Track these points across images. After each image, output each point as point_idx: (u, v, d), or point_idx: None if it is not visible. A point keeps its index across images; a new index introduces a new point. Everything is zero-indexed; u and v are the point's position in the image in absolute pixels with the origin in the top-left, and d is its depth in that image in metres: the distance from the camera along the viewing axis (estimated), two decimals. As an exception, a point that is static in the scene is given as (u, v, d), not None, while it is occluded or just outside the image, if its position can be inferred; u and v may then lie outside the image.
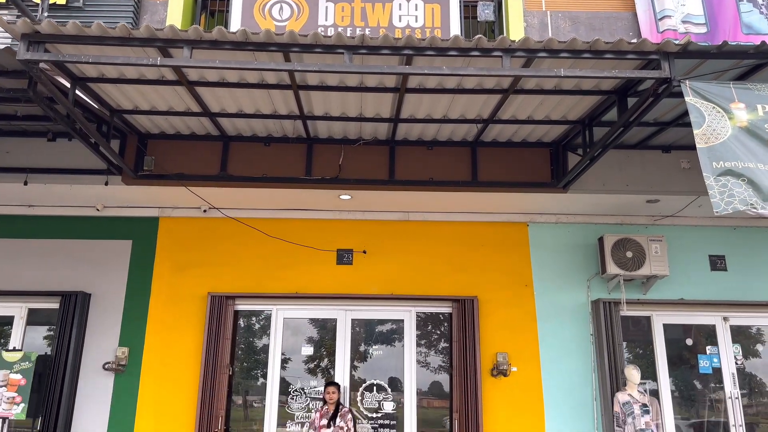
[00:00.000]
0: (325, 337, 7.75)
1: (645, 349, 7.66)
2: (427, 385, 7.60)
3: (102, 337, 7.40)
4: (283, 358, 7.60)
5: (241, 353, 7.64)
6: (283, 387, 7.51)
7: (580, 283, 7.76)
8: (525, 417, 7.27)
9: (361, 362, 7.69)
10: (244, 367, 7.61)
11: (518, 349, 7.51)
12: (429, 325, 7.83)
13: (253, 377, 7.59)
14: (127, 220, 7.83)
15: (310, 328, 7.77)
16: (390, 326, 7.81)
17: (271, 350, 7.57)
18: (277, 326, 7.65)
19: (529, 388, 7.38)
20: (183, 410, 7.19)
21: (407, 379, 7.53)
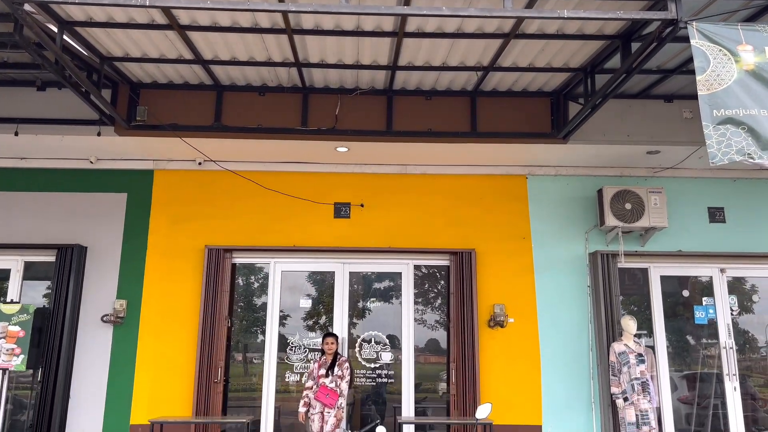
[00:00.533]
0: (323, 290, 7.76)
1: (640, 305, 7.69)
2: (424, 341, 7.65)
3: (99, 290, 7.39)
4: (282, 312, 7.62)
5: (239, 309, 7.66)
6: (281, 339, 7.55)
7: (578, 236, 7.75)
8: (521, 367, 7.35)
9: (359, 315, 7.72)
10: (243, 324, 7.65)
11: (515, 300, 7.54)
12: (427, 278, 7.84)
13: (251, 332, 7.63)
14: (122, 172, 7.73)
15: (308, 281, 7.77)
16: (388, 279, 7.82)
17: (270, 303, 7.59)
18: (275, 279, 7.65)
19: (525, 338, 7.44)
20: (182, 361, 7.25)
21: (405, 332, 7.57)
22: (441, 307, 7.75)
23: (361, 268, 7.77)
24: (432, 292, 7.80)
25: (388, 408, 7.46)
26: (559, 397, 7.30)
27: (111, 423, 7.05)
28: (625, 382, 6.85)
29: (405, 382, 7.44)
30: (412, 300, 7.66)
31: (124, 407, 7.09)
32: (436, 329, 7.69)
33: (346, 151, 7.27)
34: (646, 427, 6.71)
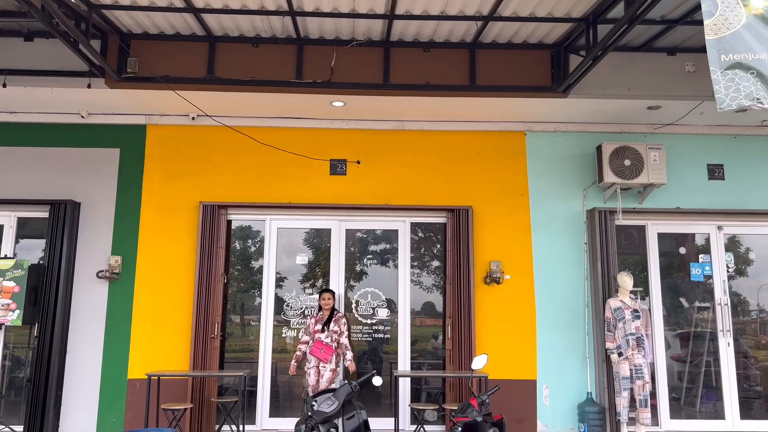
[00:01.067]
0: (319, 247, 7.73)
1: (635, 267, 7.69)
2: (420, 303, 7.65)
3: (94, 246, 7.35)
4: (278, 273, 7.60)
5: (236, 272, 7.63)
6: (278, 296, 7.55)
7: (576, 193, 7.70)
8: (516, 323, 7.38)
9: (356, 273, 7.71)
10: (240, 286, 7.63)
11: (512, 258, 7.53)
12: (423, 236, 7.81)
13: (247, 289, 7.62)
14: (114, 127, 7.59)
15: (304, 238, 7.73)
16: (384, 237, 7.78)
17: (266, 261, 7.56)
18: (270, 237, 7.60)
19: (521, 295, 7.46)
20: (179, 317, 7.25)
21: (401, 289, 7.57)
22: (437, 267, 7.74)
23: (357, 226, 7.73)
24: (428, 252, 7.78)
25: (385, 365, 7.51)
26: (554, 352, 7.35)
27: (108, 377, 7.08)
28: (620, 337, 6.89)
29: (401, 338, 7.48)
30: (409, 257, 7.64)
31: (122, 362, 7.12)
32: (432, 291, 7.68)
33: (342, 105, 7.14)
34: (640, 381, 6.78)
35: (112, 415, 7.01)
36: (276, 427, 7.20)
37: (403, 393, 7.29)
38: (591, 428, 6.95)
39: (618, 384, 6.84)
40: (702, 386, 7.44)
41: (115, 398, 7.05)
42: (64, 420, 6.99)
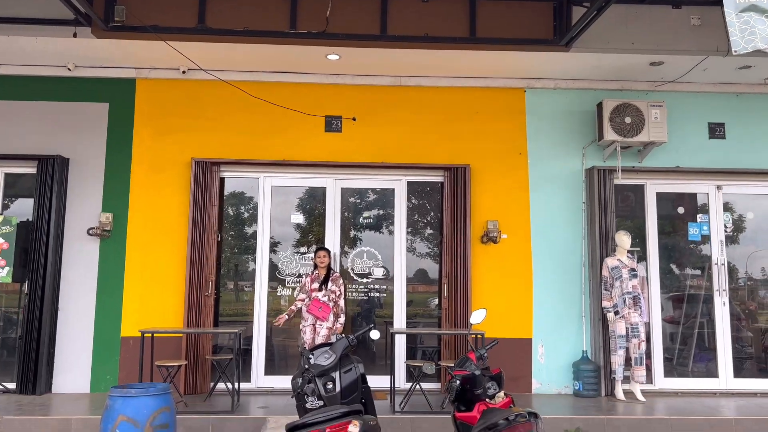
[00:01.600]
0: (314, 206, 7.61)
1: (631, 230, 7.62)
2: (413, 270, 7.57)
3: (84, 203, 7.19)
4: (272, 230, 7.48)
5: (230, 237, 7.51)
6: (272, 254, 7.46)
7: (575, 152, 7.58)
8: (513, 281, 7.34)
9: (352, 232, 7.62)
10: (234, 246, 7.52)
11: (509, 217, 7.45)
12: (420, 195, 7.70)
13: (241, 250, 7.52)
14: (103, 81, 7.37)
15: (299, 197, 7.60)
16: (380, 196, 7.67)
17: (260, 220, 7.44)
18: (264, 195, 7.47)
19: (518, 254, 7.40)
20: (172, 275, 7.15)
21: (397, 248, 7.49)
22: (433, 228, 7.65)
23: (353, 185, 7.61)
24: (425, 213, 7.68)
25: (381, 326, 7.47)
26: (550, 311, 7.34)
27: (102, 335, 7.01)
28: (616, 296, 6.87)
29: (397, 297, 7.43)
30: (405, 217, 7.54)
31: (114, 320, 7.05)
32: (425, 258, 7.60)
33: (337, 59, 6.94)
34: (636, 340, 6.78)
35: (105, 373, 6.96)
36: (271, 385, 7.19)
37: (399, 351, 7.27)
38: (586, 386, 6.98)
39: (614, 342, 6.85)
40: (695, 347, 7.47)
41: (108, 356, 6.99)
42: (58, 378, 6.93)
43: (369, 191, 7.67)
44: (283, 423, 5.75)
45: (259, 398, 6.81)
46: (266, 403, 6.54)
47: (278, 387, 7.14)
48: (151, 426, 4.32)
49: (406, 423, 5.88)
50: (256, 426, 5.81)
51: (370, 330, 4.46)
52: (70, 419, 5.70)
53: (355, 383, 4.15)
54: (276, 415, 5.91)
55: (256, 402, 6.61)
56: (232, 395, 6.04)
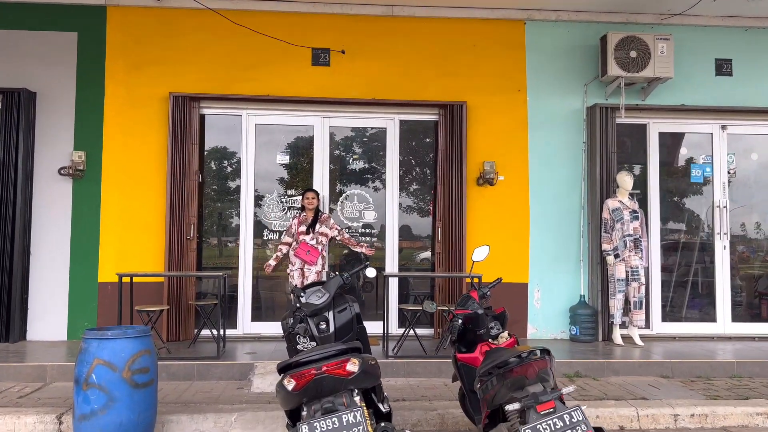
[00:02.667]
0: (301, 146, 7.19)
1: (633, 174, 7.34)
2: (406, 215, 7.23)
3: (54, 141, 6.71)
4: (257, 172, 7.07)
5: (213, 193, 7.09)
6: (257, 197, 7.08)
7: (576, 89, 7.21)
8: (510, 225, 7.06)
9: (341, 174, 7.24)
10: (216, 192, 7.11)
11: (507, 157, 7.11)
12: (413, 135, 7.31)
13: (224, 189, 7.12)
14: (70, 8, 6.78)
15: (285, 136, 7.17)
16: (372, 135, 7.27)
17: (244, 161, 7.02)
18: (248, 133, 7.03)
19: (515, 196, 7.10)
20: (151, 217, 6.76)
21: (389, 192, 7.14)
22: (427, 167, 7.30)
23: (342, 123, 7.18)
24: (417, 155, 7.31)
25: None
26: (547, 255, 7.09)
27: (78, 281, 6.65)
28: (617, 238, 6.63)
29: (389, 240, 7.12)
30: (398, 158, 7.16)
31: (91, 264, 6.67)
32: (418, 201, 7.26)
33: (325, -16, 6.43)
34: (636, 283, 6.58)
35: (83, 320, 6.63)
36: (258, 332, 6.91)
37: (391, 297, 7.00)
38: (583, 331, 6.80)
39: (612, 286, 6.64)
40: (689, 293, 7.30)
41: (85, 302, 6.65)
42: (32, 325, 6.59)
43: (359, 131, 7.26)
44: (272, 368, 5.49)
45: (246, 345, 6.55)
46: (253, 349, 6.27)
47: (266, 333, 6.87)
48: (130, 370, 4.00)
49: (399, 367, 5.65)
50: (243, 371, 5.55)
51: (365, 268, 4.14)
52: (45, 366, 5.39)
53: (350, 323, 3.86)
54: (264, 361, 5.64)
55: (243, 348, 6.35)
56: (217, 341, 5.75)
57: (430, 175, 7.30)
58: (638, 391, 5.21)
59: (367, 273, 4.27)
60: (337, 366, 3.01)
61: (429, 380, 5.59)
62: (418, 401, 4.88)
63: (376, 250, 7.11)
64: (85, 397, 3.97)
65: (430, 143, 7.30)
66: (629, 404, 4.70)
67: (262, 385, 5.24)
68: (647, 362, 5.86)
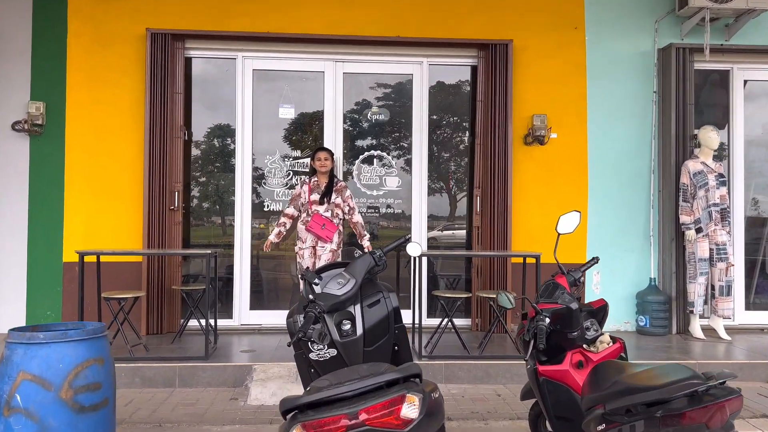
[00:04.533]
0: (310, 97, 5.91)
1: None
2: (435, 181, 5.96)
3: (5, 89, 5.45)
4: (256, 127, 5.81)
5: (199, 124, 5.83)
6: (256, 159, 5.82)
7: (645, 26, 5.89)
8: (563, 193, 5.80)
9: (357, 132, 5.97)
10: (205, 153, 5.85)
11: (560, 110, 5.82)
12: (446, 85, 6.02)
13: (216, 150, 5.87)
14: (21, -76, 5.48)
15: (288, 84, 5.89)
16: (395, 84, 5.98)
17: (239, 113, 5.75)
18: (244, 80, 5.75)
19: (570, 158, 5.83)
20: (127, 184, 5.53)
21: (416, 150, 5.87)
22: (462, 123, 6.02)
23: (359, 68, 5.89)
24: (450, 109, 6.02)
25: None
26: (608, 229, 5.84)
27: (37, 261, 5.44)
28: (699, 208, 5.37)
29: (416, 212, 5.87)
30: (427, 112, 5.87)
31: (54, 241, 5.46)
32: (449, 163, 5.99)
33: None
34: (722, 264, 5.33)
35: (45, 308, 5.44)
36: (258, 322, 5.71)
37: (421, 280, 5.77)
38: (653, 321, 5.57)
39: (693, 267, 5.40)
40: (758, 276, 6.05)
41: (48, 287, 5.45)
42: (-16, 314, 5.41)
43: (380, 78, 5.97)
44: (274, 372, 4.29)
45: (243, 339, 5.35)
46: (252, 345, 5.07)
47: (267, 324, 5.67)
48: (71, 387, 2.81)
49: (436, 371, 4.44)
50: (239, 376, 4.36)
51: (405, 242, 2.89)
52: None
53: (385, 323, 2.64)
54: (264, 363, 4.44)
55: (239, 344, 5.15)
56: (206, 336, 4.55)
57: (466, 132, 6.02)
58: (751, 404, 3.99)
59: (409, 250, 3.03)
60: (386, 411, 1.79)
61: (474, 387, 4.39)
62: (468, 420, 3.69)
63: (402, 222, 5.89)
64: (7, 426, 2.79)
65: (466, 94, 6.01)
66: (750, 425, 3.49)
67: (262, 396, 4.05)
68: (751, 363, 4.63)
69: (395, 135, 6.00)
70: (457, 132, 6.06)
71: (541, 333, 2.62)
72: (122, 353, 4.52)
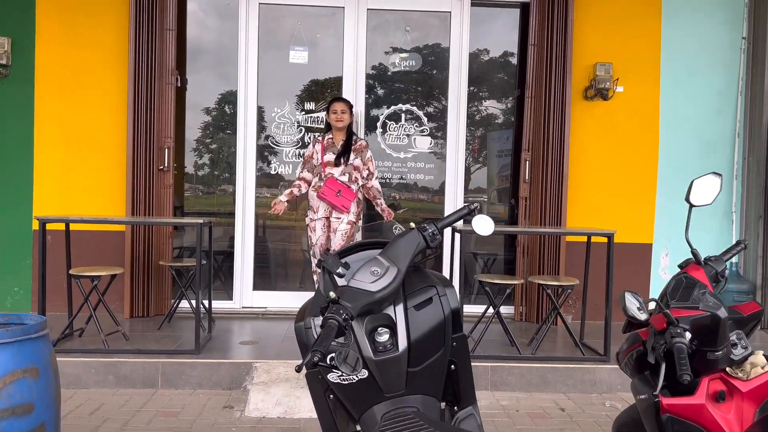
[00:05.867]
0: (325, 38, 4.95)
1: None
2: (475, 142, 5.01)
3: (-40, 20, 4.54)
4: (261, 69, 4.86)
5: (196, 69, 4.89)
6: (261, 112, 4.90)
7: (736, -43, 4.85)
8: (628, 158, 4.85)
9: (382, 80, 5.01)
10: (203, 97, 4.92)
11: (628, 59, 4.82)
12: (489, 25, 5.03)
13: (215, 99, 4.95)
14: None
15: (302, 22, 4.92)
16: (428, 23, 4.99)
17: (242, 57, 4.80)
18: (249, 16, 4.78)
19: (638, 116, 4.85)
20: (108, 137, 4.64)
21: (452, 114, 4.91)
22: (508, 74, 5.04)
23: (386, 3, 4.90)
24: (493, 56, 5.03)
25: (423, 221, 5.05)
26: (681, 204, 4.84)
27: (2, 226, 4.60)
28: (800, 180, 4.40)
29: (451, 179, 4.94)
30: (467, 59, 4.89)
31: (22, 205, 4.61)
32: (493, 123, 5.01)
33: None
34: (825, 248, 4.38)
35: (12, 284, 4.62)
36: (263, 305, 4.86)
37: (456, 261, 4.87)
38: (734, 314, 4.64)
39: (787, 251, 4.46)
40: None
41: (15, 260, 4.62)
42: (-59, 290, 4.59)
43: (411, 17, 4.98)
44: (280, 374, 3.43)
45: (244, 325, 4.50)
46: (254, 334, 4.23)
47: (273, 308, 4.82)
48: (-12, 411, 1.98)
49: (481, 374, 3.57)
50: (235, 375, 3.52)
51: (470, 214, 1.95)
52: None
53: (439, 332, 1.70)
54: (268, 360, 3.59)
55: (240, 332, 4.30)
56: (196, 325, 3.69)
57: (513, 83, 5.05)
58: None
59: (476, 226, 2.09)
60: None
61: (529, 397, 3.51)
62: (531, 449, 2.81)
63: (433, 193, 4.99)
64: None
65: (514, 38, 5.02)
66: None
67: (264, 405, 3.20)
68: None
69: (427, 86, 5.04)
70: (502, 82, 5.08)
71: (682, 355, 1.71)
72: (95, 344, 3.69)
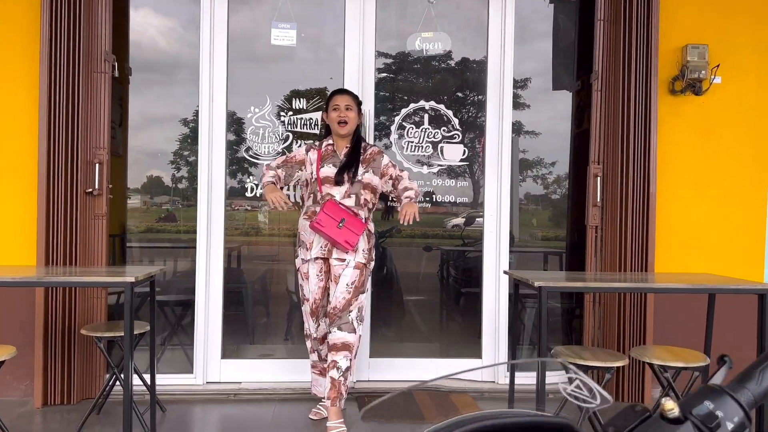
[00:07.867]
0: (320, 13, 3.66)
1: None
2: (525, 164, 3.74)
3: None
4: (231, 57, 3.54)
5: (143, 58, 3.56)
6: (234, 107, 3.57)
7: None
8: (730, 171, 3.61)
9: (398, 68, 3.73)
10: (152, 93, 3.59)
11: (728, 41, 3.60)
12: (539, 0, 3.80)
13: (169, 95, 3.62)
14: None
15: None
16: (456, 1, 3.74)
17: (206, 31, 3.47)
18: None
19: (743, 116, 3.63)
20: (11, 149, 3.27)
21: (491, 113, 3.63)
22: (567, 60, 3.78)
23: (400, -30, 3.64)
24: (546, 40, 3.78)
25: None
26: (804, 234, 3.65)
27: None
28: None
29: (490, 201, 3.64)
30: (512, 41, 3.62)
31: None
32: (547, 123, 3.74)
33: None
34: None
35: None
36: (236, 379, 3.49)
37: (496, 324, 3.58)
38: None
39: None
40: None
41: None
42: None
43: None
44: None
45: (209, 412, 3.13)
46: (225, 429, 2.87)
47: (250, 383, 3.45)
48: None
49: None
50: None
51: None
52: None
53: None
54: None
55: (203, 425, 2.94)
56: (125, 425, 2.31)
57: (575, 72, 3.79)
58: None
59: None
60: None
61: None
62: None
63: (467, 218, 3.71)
64: None
65: (573, 14, 3.77)
66: None
67: None
68: None
69: (457, 80, 3.76)
70: (559, 71, 3.82)
71: None
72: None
